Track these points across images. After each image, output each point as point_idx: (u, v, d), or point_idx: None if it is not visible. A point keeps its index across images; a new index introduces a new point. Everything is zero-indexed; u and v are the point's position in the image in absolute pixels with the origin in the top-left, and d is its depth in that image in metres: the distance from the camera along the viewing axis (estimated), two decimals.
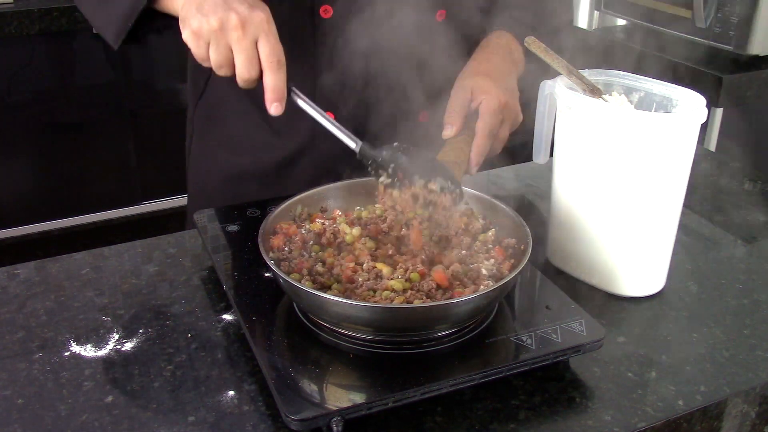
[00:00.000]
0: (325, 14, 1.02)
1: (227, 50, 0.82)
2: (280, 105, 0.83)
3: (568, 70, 0.90)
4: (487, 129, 0.99)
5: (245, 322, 0.77)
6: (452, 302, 0.73)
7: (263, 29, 0.82)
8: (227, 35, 0.81)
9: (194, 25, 0.82)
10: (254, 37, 0.81)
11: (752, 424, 0.79)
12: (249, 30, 0.81)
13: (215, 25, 0.81)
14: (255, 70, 0.82)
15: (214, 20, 0.81)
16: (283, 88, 0.82)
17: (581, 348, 0.75)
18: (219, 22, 0.81)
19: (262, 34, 0.82)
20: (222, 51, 0.82)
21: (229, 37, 0.81)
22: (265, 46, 0.82)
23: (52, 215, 2.40)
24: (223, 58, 0.82)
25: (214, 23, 0.81)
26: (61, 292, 0.89)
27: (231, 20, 0.80)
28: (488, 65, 1.06)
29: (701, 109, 0.83)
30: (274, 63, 0.82)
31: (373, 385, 0.69)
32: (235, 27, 0.81)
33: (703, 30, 1.90)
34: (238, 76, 0.83)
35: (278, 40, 0.83)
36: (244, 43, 0.81)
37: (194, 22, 0.82)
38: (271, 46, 0.82)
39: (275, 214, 0.85)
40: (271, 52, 0.82)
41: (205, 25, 0.81)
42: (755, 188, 1.19)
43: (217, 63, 0.83)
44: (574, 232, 0.91)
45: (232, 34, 0.81)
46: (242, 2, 0.83)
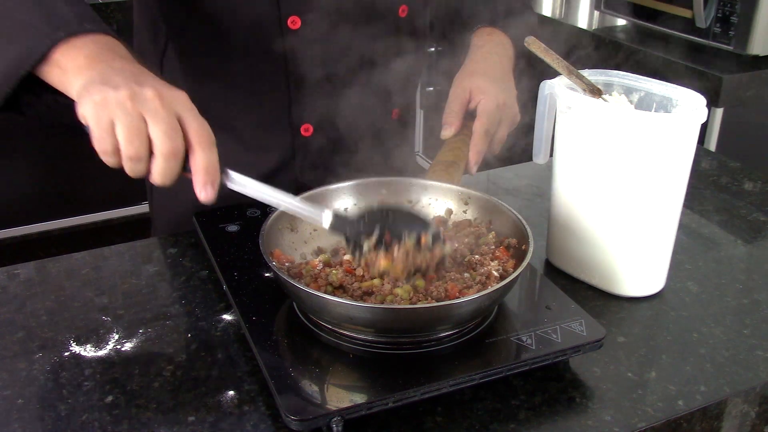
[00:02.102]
0: (293, 25, 0.98)
1: (140, 122, 0.67)
2: (213, 188, 0.70)
3: (568, 70, 0.90)
4: (484, 128, 0.99)
5: (245, 322, 0.77)
6: (454, 303, 0.72)
7: (186, 106, 0.70)
8: (141, 105, 0.67)
9: (97, 98, 0.68)
10: (175, 111, 0.69)
11: (752, 424, 0.79)
12: (168, 103, 0.69)
13: (124, 94, 0.67)
14: (180, 141, 0.68)
15: (124, 91, 0.67)
16: (216, 168, 0.70)
17: (581, 348, 0.75)
18: (130, 92, 0.67)
19: (186, 110, 0.70)
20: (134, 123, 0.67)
21: (143, 106, 0.67)
22: (192, 121, 0.69)
23: (52, 215, 2.40)
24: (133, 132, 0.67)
25: (123, 93, 0.67)
26: (61, 292, 0.89)
27: (145, 92, 0.68)
28: (485, 65, 1.06)
29: (701, 109, 0.83)
30: (205, 138, 0.69)
31: (373, 385, 0.69)
32: (152, 98, 0.68)
33: (703, 30, 1.90)
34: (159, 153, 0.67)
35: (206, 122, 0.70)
36: (162, 113, 0.67)
37: (96, 95, 0.68)
38: (200, 123, 0.69)
39: (275, 214, 0.84)
40: (200, 126, 0.69)
41: (112, 95, 0.67)
42: (755, 188, 1.19)
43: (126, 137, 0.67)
44: (574, 232, 0.91)
45: (148, 104, 0.67)
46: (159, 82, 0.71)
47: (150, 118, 0.67)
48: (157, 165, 0.68)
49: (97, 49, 0.74)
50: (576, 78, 0.90)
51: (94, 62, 0.73)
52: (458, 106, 1.02)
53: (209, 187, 0.69)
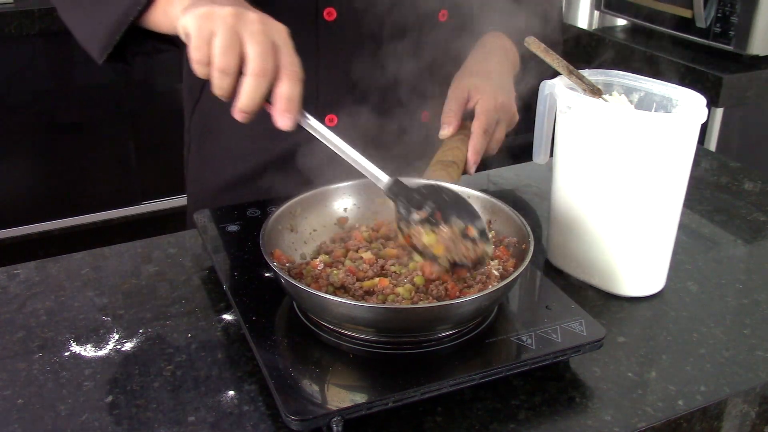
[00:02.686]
0: (328, 17, 1.01)
1: (236, 38, 0.70)
2: (292, 117, 0.73)
3: (568, 70, 0.90)
4: (483, 128, 0.99)
5: (245, 322, 0.77)
6: (455, 303, 0.72)
7: (284, 39, 0.73)
8: (243, 25, 0.70)
9: (202, 10, 0.71)
10: (273, 38, 0.72)
11: (752, 424, 0.79)
12: (269, 29, 0.72)
13: (230, 11, 0.70)
14: (272, 66, 0.71)
15: (230, 9, 0.71)
16: (299, 100, 0.73)
17: (581, 348, 0.75)
18: (236, 11, 0.71)
19: (284, 42, 0.73)
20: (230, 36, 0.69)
21: (244, 27, 0.70)
22: (286, 53, 0.72)
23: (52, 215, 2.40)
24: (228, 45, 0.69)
25: (229, 10, 0.70)
26: (61, 292, 0.89)
27: (249, 14, 0.71)
28: (485, 65, 1.06)
29: (701, 109, 0.83)
30: (296, 72, 0.72)
31: (373, 385, 0.69)
32: (253, 21, 0.71)
33: (703, 30, 1.90)
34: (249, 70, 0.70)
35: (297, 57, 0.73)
36: (260, 36, 0.70)
37: (203, 9, 0.71)
38: (293, 57, 0.73)
39: (276, 215, 0.84)
40: (292, 61, 0.72)
41: (218, 10, 0.70)
42: (755, 188, 1.19)
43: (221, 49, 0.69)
44: (574, 232, 0.91)
45: (249, 26, 0.70)
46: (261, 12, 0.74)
47: (248, 37, 0.70)
48: (246, 83, 0.71)
49: None
50: (576, 78, 0.90)
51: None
52: (456, 106, 1.02)
53: (288, 116, 0.72)
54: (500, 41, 1.11)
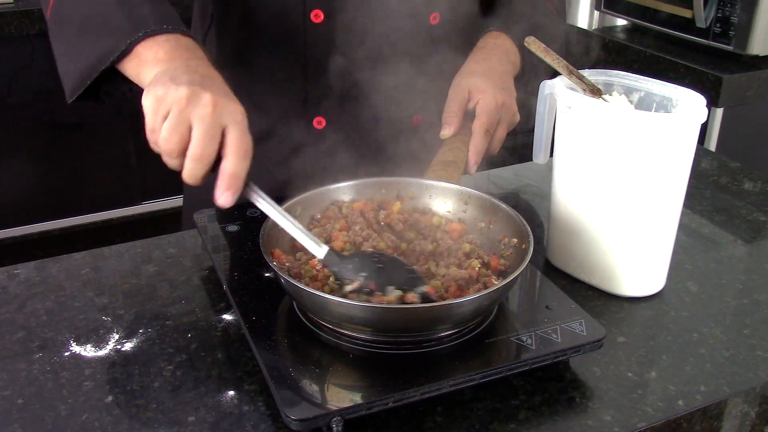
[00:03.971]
0: (315, 19, 1.00)
1: (184, 123, 0.71)
2: (233, 195, 0.72)
3: (568, 70, 0.90)
4: (484, 128, 0.99)
5: (245, 322, 0.77)
6: (455, 303, 0.72)
7: (236, 119, 0.73)
8: (193, 108, 0.71)
9: (159, 92, 0.72)
10: (223, 122, 0.72)
11: (752, 424, 0.79)
12: (220, 113, 0.72)
13: (183, 95, 0.71)
14: (212, 149, 0.71)
15: (185, 91, 0.71)
16: (242, 177, 0.72)
17: (581, 348, 0.75)
18: (189, 93, 0.71)
19: (234, 123, 0.73)
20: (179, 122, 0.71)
21: (194, 111, 0.71)
22: (235, 132, 0.72)
23: (52, 215, 2.40)
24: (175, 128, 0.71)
25: (182, 93, 0.71)
26: (61, 292, 0.89)
27: (204, 97, 0.72)
28: (485, 65, 1.06)
29: (701, 109, 0.83)
30: (242, 150, 0.72)
31: (373, 385, 0.69)
32: (205, 104, 0.71)
33: (703, 30, 1.90)
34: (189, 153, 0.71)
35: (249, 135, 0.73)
36: (209, 120, 0.71)
37: (160, 90, 0.73)
38: (242, 136, 0.72)
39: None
40: (241, 139, 0.72)
41: (173, 93, 0.72)
42: (755, 188, 1.19)
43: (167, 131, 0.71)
44: (574, 232, 0.91)
45: (200, 110, 0.71)
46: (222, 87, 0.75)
47: (196, 121, 0.71)
48: (186, 164, 0.73)
49: (174, 47, 0.81)
50: (576, 78, 0.90)
51: (172, 57, 0.79)
52: (457, 106, 1.02)
53: (229, 194, 0.72)
54: (500, 41, 1.10)
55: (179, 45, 0.81)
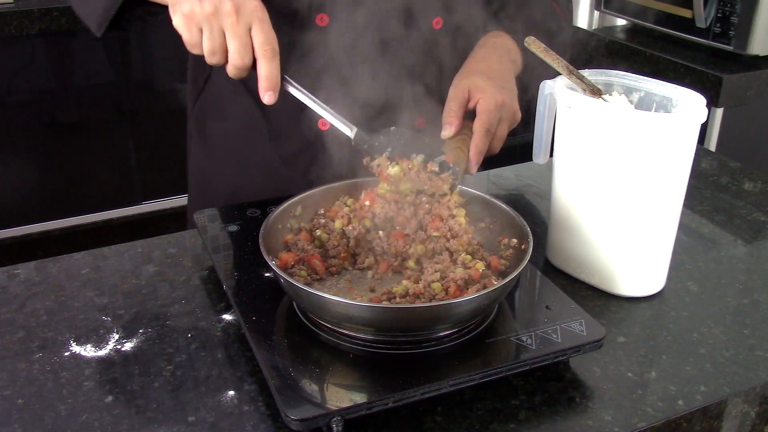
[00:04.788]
0: (321, 22, 1.01)
1: (220, 36, 0.81)
2: (273, 93, 0.83)
3: (568, 70, 0.90)
4: (485, 127, 0.99)
5: (245, 322, 0.77)
6: (453, 302, 0.73)
7: (257, 16, 0.82)
8: (221, 20, 0.80)
9: (186, 9, 0.81)
10: (248, 23, 0.81)
11: (752, 424, 0.79)
12: (243, 16, 0.81)
13: (208, 9, 0.80)
14: (248, 57, 0.82)
15: (208, 5, 0.80)
16: (277, 76, 0.83)
17: (581, 348, 0.75)
18: (212, 7, 0.80)
19: (256, 21, 0.81)
20: (215, 36, 0.81)
21: (222, 22, 0.81)
22: (258, 33, 0.81)
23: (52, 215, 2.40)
24: (216, 44, 0.82)
25: (207, 8, 0.80)
26: (61, 292, 0.89)
27: (225, 5, 0.80)
28: (485, 64, 1.06)
29: (701, 109, 0.83)
30: (268, 51, 0.82)
31: (373, 385, 0.69)
32: (229, 13, 0.80)
33: (703, 30, 1.90)
34: (231, 63, 0.82)
35: (271, 28, 0.82)
36: (237, 29, 0.81)
37: (186, 6, 0.81)
38: (265, 34, 0.82)
39: (275, 214, 0.85)
40: (265, 40, 0.82)
41: (198, 9, 0.80)
42: (755, 188, 1.19)
43: (209, 49, 0.82)
44: (574, 232, 0.91)
45: (226, 20, 0.80)
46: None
47: (228, 33, 0.81)
48: (230, 70, 0.84)
49: None
50: (576, 78, 0.90)
51: None
52: (457, 106, 1.01)
53: (271, 93, 0.83)
54: (500, 40, 1.10)
55: None
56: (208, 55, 0.83)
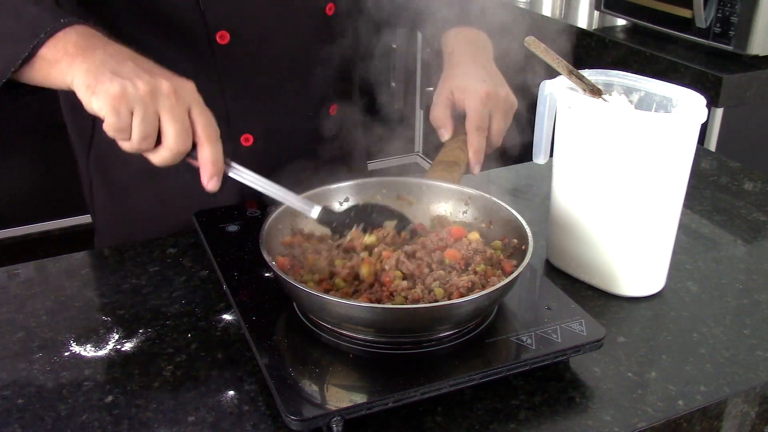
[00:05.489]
0: (221, 40, 0.97)
1: (156, 119, 0.72)
2: (218, 179, 0.75)
3: (568, 70, 0.90)
4: (475, 125, 0.99)
5: (245, 322, 0.77)
6: (454, 303, 0.72)
7: (195, 98, 0.75)
8: (157, 102, 0.72)
9: (113, 90, 0.70)
10: (187, 105, 0.74)
11: (752, 424, 0.79)
12: (182, 97, 0.73)
13: (144, 89, 0.71)
14: (189, 141, 0.74)
15: (142, 84, 0.71)
16: (221, 160, 0.75)
17: (581, 348, 0.75)
18: (148, 87, 0.71)
19: (195, 102, 0.74)
20: (150, 120, 0.72)
21: (159, 103, 0.72)
22: (200, 116, 0.74)
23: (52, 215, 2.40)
24: (151, 128, 0.72)
25: (142, 87, 0.71)
26: (61, 292, 0.89)
27: (162, 86, 0.72)
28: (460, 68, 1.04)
29: (701, 109, 0.83)
30: (212, 134, 0.75)
31: (373, 385, 0.69)
32: (167, 94, 0.72)
33: (703, 30, 1.89)
34: (167, 147, 0.73)
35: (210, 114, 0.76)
36: (177, 111, 0.72)
37: (113, 87, 0.71)
38: (207, 116, 0.75)
39: (275, 214, 0.84)
40: (207, 122, 0.74)
41: (131, 89, 0.71)
42: (755, 188, 1.19)
43: (142, 133, 0.72)
44: (574, 233, 0.91)
45: (164, 101, 0.72)
46: (164, 70, 0.75)
47: (165, 115, 0.72)
48: (163, 155, 0.74)
49: (81, 38, 0.76)
50: (576, 78, 0.90)
51: (86, 50, 0.75)
52: (443, 108, 1.01)
53: (215, 179, 0.75)
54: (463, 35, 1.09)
55: (84, 34, 0.77)
56: (140, 139, 0.72)
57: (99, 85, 0.71)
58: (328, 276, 0.80)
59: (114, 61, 0.73)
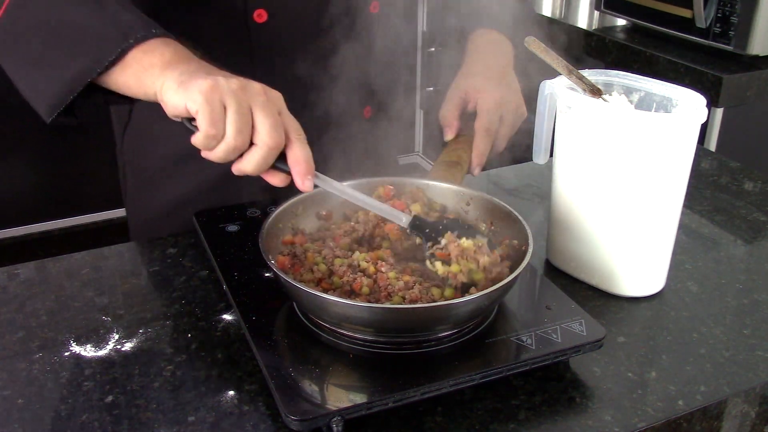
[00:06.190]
0: (259, 18, 0.98)
1: (249, 113, 0.71)
2: (312, 178, 0.75)
3: (568, 70, 0.90)
4: (485, 127, 0.99)
5: (245, 322, 0.77)
6: (454, 303, 0.72)
7: (283, 105, 0.75)
8: (250, 97, 0.72)
9: (206, 85, 0.71)
10: (278, 107, 0.74)
11: (752, 424, 0.79)
12: (272, 99, 0.74)
13: (236, 84, 0.72)
14: (283, 138, 0.73)
15: (234, 80, 0.73)
16: (312, 160, 0.75)
17: (581, 348, 0.75)
18: (240, 84, 0.72)
19: (283, 108, 0.75)
20: (244, 112, 0.71)
21: (252, 99, 0.72)
22: (289, 118, 0.74)
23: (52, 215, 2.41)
24: (245, 121, 0.71)
25: (234, 82, 0.72)
26: (61, 292, 0.89)
27: (253, 85, 0.73)
28: (481, 65, 1.05)
29: (701, 109, 0.83)
30: (302, 135, 0.75)
31: (373, 385, 0.69)
32: (259, 92, 0.73)
33: (703, 30, 1.90)
34: (263, 144, 0.72)
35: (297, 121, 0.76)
36: (270, 108, 0.72)
37: (207, 82, 0.71)
38: (295, 121, 0.75)
39: (275, 214, 0.85)
40: (297, 125, 0.75)
41: (224, 84, 0.71)
42: (755, 188, 1.19)
43: (238, 126, 0.71)
44: (574, 232, 0.91)
45: (257, 98, 0.72)
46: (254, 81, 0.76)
47: (259, 110, 0.71)
48: (257, 155, 0.72)
49: (175, 50, 0.79)
50: (576, 78, 0.90)
51: (181, 59, 0.77)
52: (453, 107, 1.01)
53: (309, 177, 0.74)
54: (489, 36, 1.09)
55: (180, 49, 0.79)
56: (235, 133, 0.71)
57: (192, 81, 0.72)
58: (328, 275, 0.80)
59: (207, 69, 0.76)
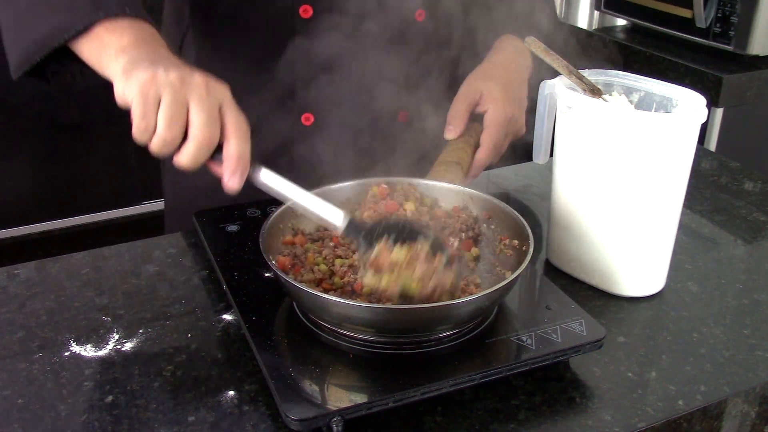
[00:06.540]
0: (304, 14, 1.00)
1: (184, 108, 0.69)
2: (242, 176, 0.71)
3: (568, 70, 0.90)
4: (492, 142, 0.99)
5: (245, 322, 0.77)
6: (454, 303, 0.73)
7: (228, 97, 0.72)
8: (187, 90, 0.69)
9: (143, 77, 0.69)
10: (219, 102, 0.71)
11: (752, 424, 0.79)
12: (212, 92, 0.71)
13: (174, 75, 0.69)
14: (217, 133, 0.70)
15: (174, 71, 0.70)
16: (248, 158, 0.71)
17: (581, 348, 0.75)
18: (179, 74, 0.70)
19: (227, 101, 0.72)
20: (179, 104, 0.69)
21: (189, 92, 0.69)
22: (231, 113, 0.71)
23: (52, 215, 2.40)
24: (177, 113, 0.68)
25: (173, 73, 0.69)
26: (61, 292, 0.89)
27: (194, 77, 0.70)
28: (502, 71, 1.05)
29: (701, 109, 0.83)
30: (241, 131, 0.71)
31: (373, 385, 0.69)
32: (198, 85, 0.70)
33: (703, 30, 1.90)
34: (194, 138, 0.69)
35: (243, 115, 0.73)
36: (207, 101, 0.69)
37: (145, 74, 0.69)
38: (238, 115, 0.72)
39: (276, 215, 0.85)
40: (238, 119, 0.71)
41: (161, 74, 0.69)
42: (755, 188, 1.19)
43: (169, 116, 0.68)
44: (574, 232, 0.91)
45: (194, 91, 0.70)
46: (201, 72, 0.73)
47: (194, 103, 0.69)
48: (189, 150, 0.70)
49: (138, 34, 0.78)
50: (576, 78, 0.90)
51: (138, 44, 0.76)
52: (464, 107, 1.01)
53: (237, 176, 0.71)
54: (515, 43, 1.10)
55: (144, 33, 0.78)
56: (166, 126, 0.68)
57: (133, 71, 0.71)
58: (328, 276, 0.81)
59: (157, 57, 0.74)
